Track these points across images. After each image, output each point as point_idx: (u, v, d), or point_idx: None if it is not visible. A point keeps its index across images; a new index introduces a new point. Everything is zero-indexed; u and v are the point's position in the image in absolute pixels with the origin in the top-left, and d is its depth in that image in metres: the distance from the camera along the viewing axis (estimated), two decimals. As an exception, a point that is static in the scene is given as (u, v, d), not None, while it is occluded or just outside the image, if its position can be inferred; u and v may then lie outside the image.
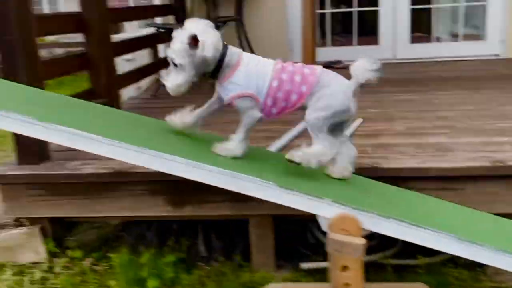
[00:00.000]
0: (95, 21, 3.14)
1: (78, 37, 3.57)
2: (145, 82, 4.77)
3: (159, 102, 4.01)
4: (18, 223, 2.66)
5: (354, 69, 1.77)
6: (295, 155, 1.73)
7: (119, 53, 3.83)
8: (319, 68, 1.80)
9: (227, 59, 1.74)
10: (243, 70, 1.75)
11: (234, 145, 1.81)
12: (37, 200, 2.53)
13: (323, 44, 5.75)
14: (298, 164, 1.73)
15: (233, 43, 5.00)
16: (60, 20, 3.20)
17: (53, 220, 2.64)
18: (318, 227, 1.75)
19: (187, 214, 2.45)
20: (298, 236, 2.68)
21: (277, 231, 2.50)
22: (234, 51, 1.77)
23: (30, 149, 2.55)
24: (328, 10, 5.73)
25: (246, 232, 2.50)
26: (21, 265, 2.60)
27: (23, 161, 2.56)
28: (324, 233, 1.64)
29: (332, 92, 1.76)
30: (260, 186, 1.62)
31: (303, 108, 1.79)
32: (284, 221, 2.58)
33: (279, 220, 2.50)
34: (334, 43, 5.81)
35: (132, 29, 7.12)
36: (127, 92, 4.65)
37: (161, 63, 4.93)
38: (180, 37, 1.70)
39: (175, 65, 1.72)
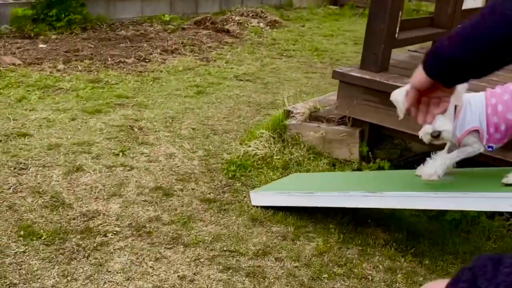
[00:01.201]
0: None
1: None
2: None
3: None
4: (341, 121, 2.92)
5: None
6: None
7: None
8: None
9: None
10: (465, 110, 1.89)
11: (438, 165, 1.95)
12: (367, 105, 2.71)
13: None
14: None
15: None
16: None
17: (372, 127, 2.82)
18: None
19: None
20: None
21: None
22: None
23: (373, 57, 2.71)
24: None
25: None
26: (334, 159, 2.87)
27: (365, 66, 2.75)
28: None
29: None
30: None
31: None
32: None
33: None
34: None
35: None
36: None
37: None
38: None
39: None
